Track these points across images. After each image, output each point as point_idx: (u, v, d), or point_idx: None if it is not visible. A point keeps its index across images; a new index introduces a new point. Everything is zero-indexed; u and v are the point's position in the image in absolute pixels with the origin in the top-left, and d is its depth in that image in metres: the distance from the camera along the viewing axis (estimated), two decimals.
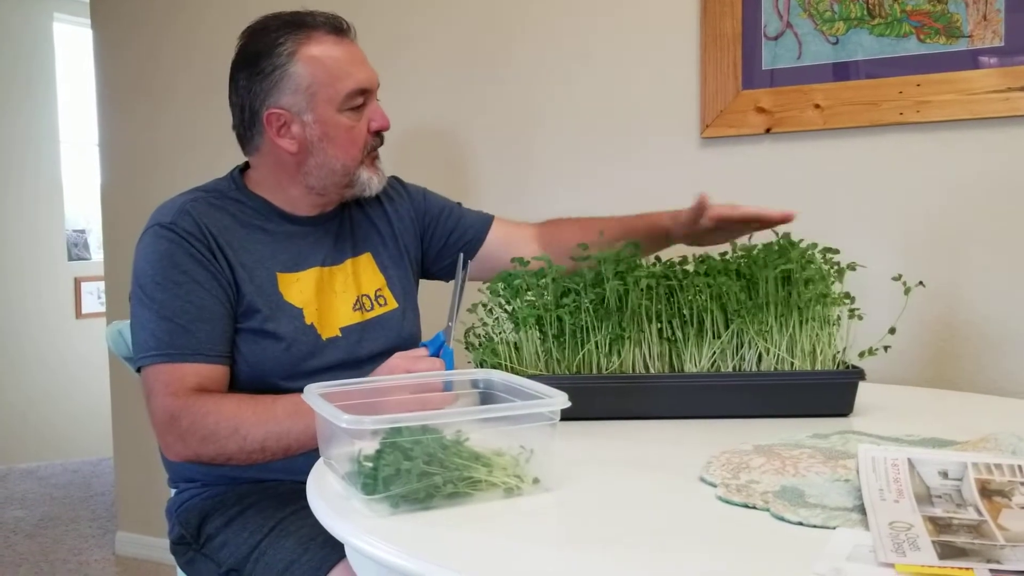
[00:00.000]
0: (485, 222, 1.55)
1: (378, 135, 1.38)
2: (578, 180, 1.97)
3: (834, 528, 0.72)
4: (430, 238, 1.53)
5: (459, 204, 1.58)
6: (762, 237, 1.29)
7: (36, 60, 3.95)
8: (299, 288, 1.33)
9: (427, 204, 1.54)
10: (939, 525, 0.69)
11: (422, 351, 1.19)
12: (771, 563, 0.67)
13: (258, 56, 1.30)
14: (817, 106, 1.73)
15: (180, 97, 2.48)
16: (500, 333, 1.23)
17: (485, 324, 1.26)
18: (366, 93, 1.33)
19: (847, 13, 1.70)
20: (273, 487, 1.30)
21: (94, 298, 4.07)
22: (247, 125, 1.34)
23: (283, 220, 1.37)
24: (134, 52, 2.56)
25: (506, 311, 1.23)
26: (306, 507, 0.89)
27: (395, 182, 1.54)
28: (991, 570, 0.61)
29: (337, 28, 1.33)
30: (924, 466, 0.78)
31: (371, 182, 1.37)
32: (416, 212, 1.52)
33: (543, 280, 1.20)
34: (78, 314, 4.08)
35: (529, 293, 1.21)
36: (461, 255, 1.31)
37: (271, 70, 1.29)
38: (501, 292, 1.24)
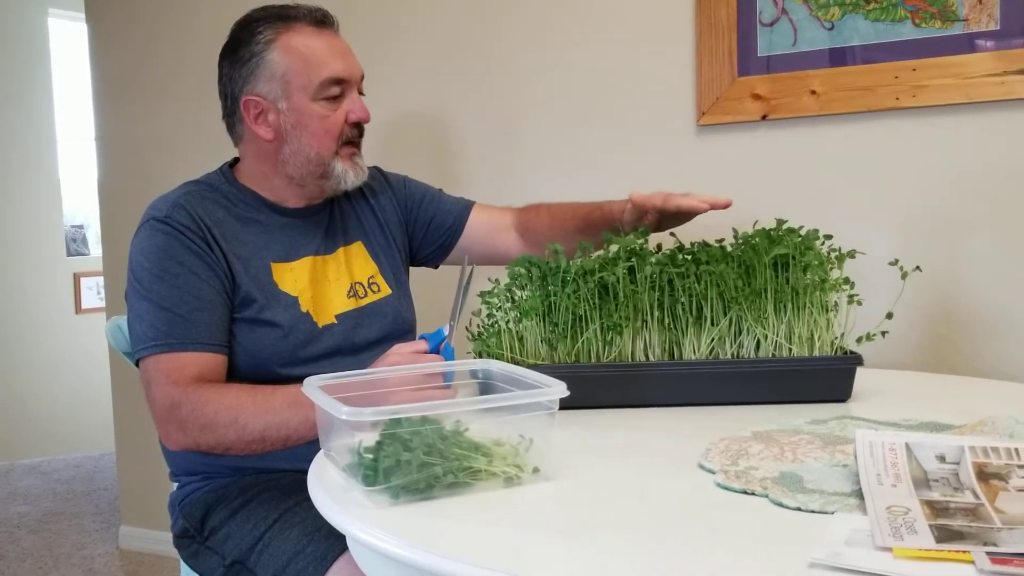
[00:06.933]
0: (465, 208, 1.56)
1: (357, 127, 1.38)
2: (573, 169, 1.97)
3: (832, 513, 0.73)
4: (413, 225, 1.54)
5: (440, 190, 1.59)
6: (761, 224, 1.29)
7: (31, 56, 3.93)
8: (293, 277, 1.35)
9: (408, 191, 1.55)
10: (936, 509, 0.69)
11: (422, 345, 1.17)
12: (770, 549, 0.68)
13: (239, 44, 1.35)
14: (813, 92, 1.73)
15: (177, 90, 2.48)
16: (498, 322, 1.23)
17: (490, 312, 1.25)
18: (342, 83, 1.34)
19: None
20: (276, 478, 1.31)
21: (93, 293, 4.07)
22: (229, 113, 1.38)
23: (273, 212, 1.38)
24: (129, 46, 2.55)
25: (513, 300, 1.23)
26: (309, 498, 0.90)
27: (376, 173, 1.55)
28: (988, 553, 0.61)
29: (318, 20, 1.35)
30: (921, 450, 0.78)
31: (347, 175, 1.37)
32: (398, 200, 1.53)
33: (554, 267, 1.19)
34: (78, 309, 4.07)
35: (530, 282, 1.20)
36: (466, 256, 1.32)
37: (248, 57, 1.33)
38: (510, 280, 1.22)
